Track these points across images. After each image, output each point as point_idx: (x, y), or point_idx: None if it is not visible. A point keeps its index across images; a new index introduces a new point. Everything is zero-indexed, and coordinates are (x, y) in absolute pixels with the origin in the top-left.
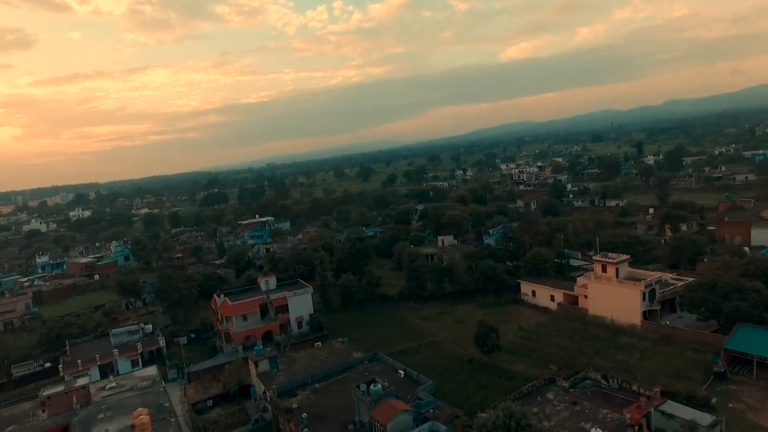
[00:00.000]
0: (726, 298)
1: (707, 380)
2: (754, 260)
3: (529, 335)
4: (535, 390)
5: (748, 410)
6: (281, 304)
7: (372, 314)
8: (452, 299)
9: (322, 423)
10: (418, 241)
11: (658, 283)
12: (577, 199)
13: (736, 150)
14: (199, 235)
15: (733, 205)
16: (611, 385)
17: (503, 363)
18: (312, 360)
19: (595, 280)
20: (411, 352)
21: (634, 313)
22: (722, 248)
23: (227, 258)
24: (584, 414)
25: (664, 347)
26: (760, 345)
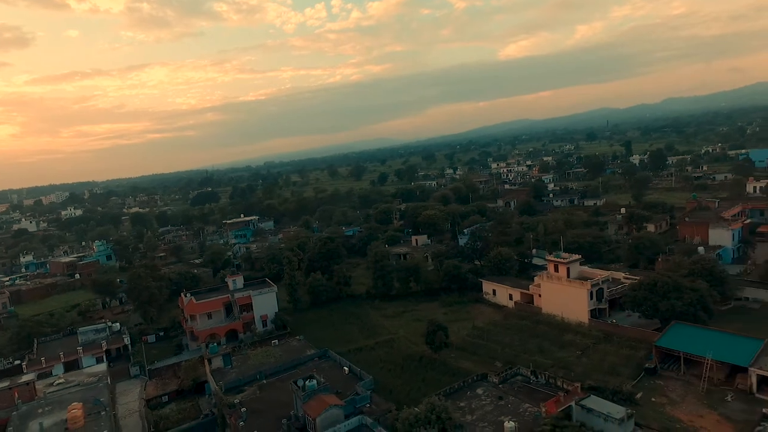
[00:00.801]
0: (664, 297)
1: (638, 376)
2: (700, 260)
3: (481, 333)
4: (466, 385)
5: (667, 404)
6: (246, 303)
7: (338, 313)
8: (418, 298)
9: (261, 417)
10: (393, 241)
11: (605, 282)
12: (556, 198)
13: (722, 149)
14: (184, 234)
15: (698, 205)
16: (539, 380)
17: (451, 360)
18: (266, 357)
19: (547, 279)
20: (367, 349)
21: (581, 312)
22: (681, 248)
23: (204, 257)
24: (507, 408)
25: (604, 345)
26: (688, 342)
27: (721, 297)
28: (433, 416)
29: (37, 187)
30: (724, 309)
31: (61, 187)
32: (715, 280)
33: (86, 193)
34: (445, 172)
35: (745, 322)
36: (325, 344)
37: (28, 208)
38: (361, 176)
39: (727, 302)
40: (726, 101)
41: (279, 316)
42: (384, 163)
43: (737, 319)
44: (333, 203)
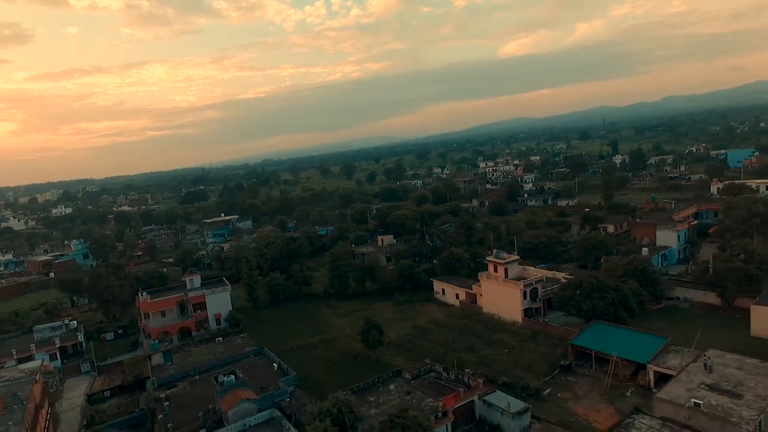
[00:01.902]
0: (588, 297)
1: (552, 373)
2: (633, 261)
3: (420, 332)
4: (380, 381)
5: (571, 399)
6: (199, 302)
7: (294, 311)
8: (373, 297)
9: (185, 411)
10: (361, 241)
11: (540, 282)
12: (531, 198)
13: (706, 149)
14: (164, 233)
15: (655, 206)
16: (449, 377)
17: (386, 357)
18: (207, 354)
19: (486, 279)
20: (310, 347)
21: (515, 311)
22: (627, 248)
23: (175, 256)
24: (411, 402)
25: (529, 343)
26: (600, 340)
27: (652, 297)
28: (335, 410)
29: (34, 185)
30: (655, 308)
31: (58, 185)
32: (647, 281)
33: (80, 191)
34: (433, 171)
35: (670, 322)
36: (273, 342)
37: (22, 206)
38: (352, 175)
39: (659, 302)
40: (725, 100)
41: (232, 315)
42: (378, 161)
43: (665, 318)
44: (315, 202)
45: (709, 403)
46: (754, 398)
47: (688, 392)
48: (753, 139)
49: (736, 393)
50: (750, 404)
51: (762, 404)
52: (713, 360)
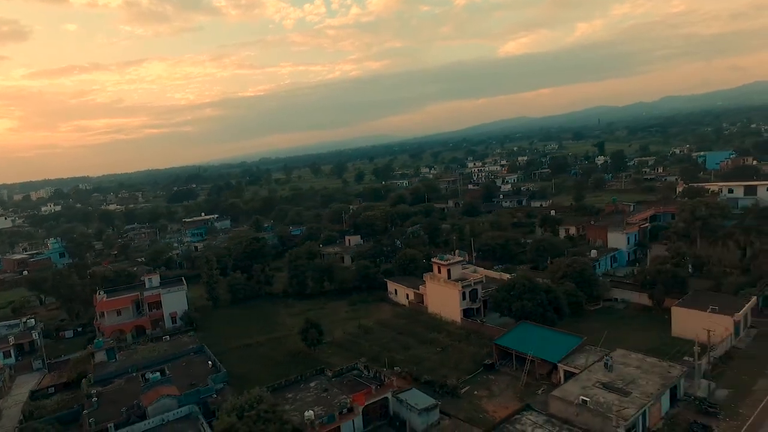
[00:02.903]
0: (519, 299)
1: (476, 371)
2: (573, 263)
3: (363, 331)
4: (303, 379)
5: (486, 396)
6: (155, 301)
7: (252, 310)
8: (330, 297)
9: (114, 406)
10: (330, 241)
11: (479, 283)
12: (506, 199)
13: (690, 150)
14: (144, 232)
15: (615, 208)
16: (368, 375)
17: (324, 356)
18: (151, 352)
19: (430, 280)
20: (256, 345)
21: (455, 311)
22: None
23: (146, 255)
24: (325, 399)
25: (462, 343)
26: (522, 341)
27: (590, 298)
28: (246, 405)
29: (30, 182)
30: (592, 309)
31: (55, 183)
32: (585, 282)
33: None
34: (421, 171)
35: (604, 322)
36: (223, 340)
37: (14, 203)
38: (342, 174)
39: (597, 303)
40: (724, 100)
41: (187, 314)
42: (372, 160)
43: (600, 318)
44: (297, 202)
45: (597, 401)
46: (640, 395)
47: (582, 390)
48: (738, 140)
49: (625, 391)
50: (634, 401)
51: (644, 401)
52: (618, 359)
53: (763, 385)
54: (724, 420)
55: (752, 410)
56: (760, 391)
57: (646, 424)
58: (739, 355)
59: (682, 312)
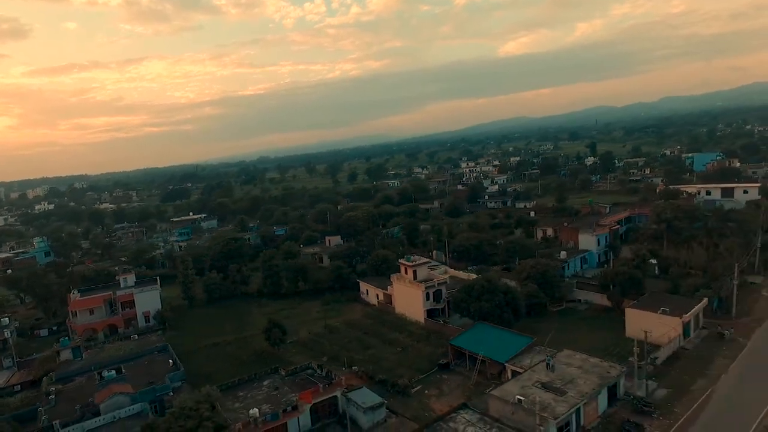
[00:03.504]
0: (477, 299)
1: (431, 370)
2: (537, 264)
3: (329, 331)
4: (257, 377)
5: (435, 395)
6: (128, 300)
7: (226, 310)
8: (305, 297)
9: (71, 403)
10: (311, 241)
11: (443, 284)
12: (491, 200)
13: (680, 152)
14: (131, 232)
15: (592, 210)
16: (320, 374)
17: (288, 355)
18: (118, 351)
19: (397, 281)
20: (224, 344)
21: (419, 311)
22: (553, 251)
23: (128, 255)
24: (275, 398)
25: (421, 343)
26: (476, 341)
27: (553, 299)
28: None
29: (28, 180)
30: (555, 310)
31: (53, 181)
32: (547, 283)
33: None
34: (414, 171)
35: (564, 322)
36: (193, 339)
37: (9, 202)
38: (336, 174)
39: (560, 304)
40: (723, 101)
41: (160, 313)
42: (369, 160)
43: (561, 319)
44: (286, 202)
45: (532, 400)
46: (575, 395)
47: (521, 389)
48: (729, 142)
49: (562, 390)
50: (568, 400)
51: (577, 400)
52: (562, 360)
53: (702, 384)
54: (657, 419)
55: (686, 409)
56: (697, 390)
57: (581, 423)
58: (685, 356)
59: (635, 313)
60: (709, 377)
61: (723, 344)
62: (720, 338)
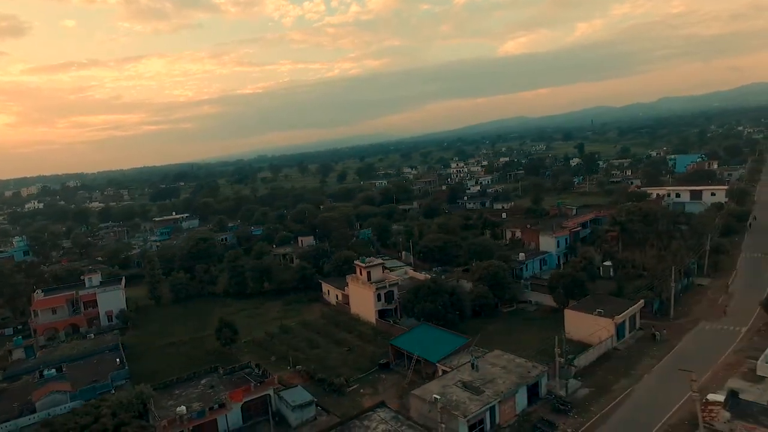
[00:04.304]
0: (423, 300)
1: (371, 370)
2: (489, 266)
3: (283, 331)
4: (196, 376)
5: (369, 394)
6: (90, 300)
7: (191, 309)
8: (270, 297)
9: (9, 401)
10: (285, 241)
11: (395, 285)
12: (470, 201)
13: (666, 153)
14: (115, 231)
15: (560, 212)
16: (257, 372)
17: (237, 355)
18: (72, 350)
19: (352, 281)
20: (180, 343)
21: (371, 312)
22: (514, 253)
23: (103, 255)
24: (209, 396)
25: (368, 343)
26: (415, 342)
27: (502, 300)
28: (125, 401)
29: (25, 178)
30: (506, 311)
31: (50, 179)
32: (498, 285)
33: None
34: (403, 171)
35: (511, 323)
36: (151, 338)
37: (2, 200)
38: (328, 174)
39: (511, 305)
40: (722, 101)
41: (123, 312)
42: (363, 159)
43: (510, 319)
44: (270, 202)
45: (449, 399)
46: (491, 393)
47: (442, 389)
48: (716, 143)
49: (479, 389)
50: (483, 399)
51: (492, 399)
52: (490, 359)
53: (624, 384)
54: (572, 417)
55: (602, 408)
56: (618, 389)
57: (496, 421)
58: (616, 356)
59: (572, 314)
60: (633, 377)
61: (654, 345)
62: (652, 339)
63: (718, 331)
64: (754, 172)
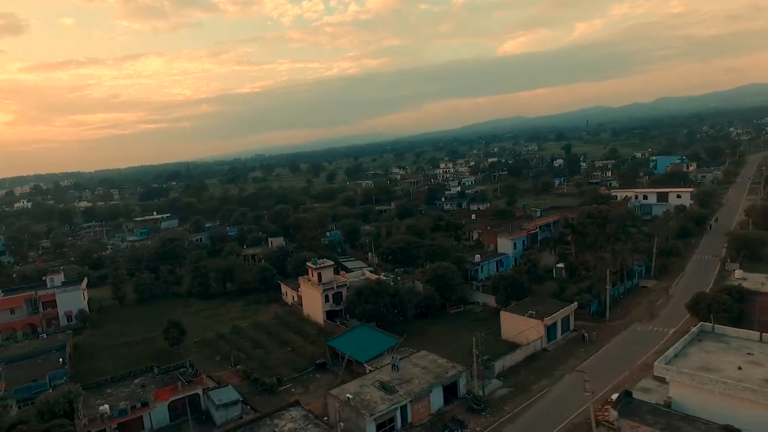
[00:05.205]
0: (365, 302)
1: (308, 369)
2: (437, 268)
3: (234, 331)
4: (132, 375)
5: (300, 393)
6: (50, 300)
7: (153, 310)
8: (232, 297)
9: None
10: (257, 242)
11: (343, 286)
12: (448, 202)
13: (651, 154)
14: (95, 230)
15: (524, 213)
16: (190, 372)
17: (185, 354)
18: (23, 349)
19: (304, 283)
20: (132, 344)
21: (319, 313)
22: (470, 254)
23: (76, 255)
24: (136, 395)
25: (311, 344)
26: (350, 342)
27: (450, 301)
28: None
29: (20, 177)
30: (453, 312)
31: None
32: (446, 286)
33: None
34: (391, 172)
35: (455, 324)
36: (107, 338)
37: None
38: (319, 173)
39: (458, 306)
40: (719, 101)
41: (82, 312)
42: (357, 159)
43: (455, 320)
44: (254, 202)
45: (362, 398)
46: (403, 393)
47: (359, 388)
48: (702, 144)
49: (394, 389)
50: (394, 398)
51: (403, 398)
52: (414, 360)
53: (544, 384)
54: (485, 416)
55: (516, 407)
56: (536, 389)
57: (408, 420)
58: (544, 357)
59: (507, 316)
60: (554, 377)
61: (582, 346)
62: (582, 341)
63: (648, 332)
64: (730, 174)
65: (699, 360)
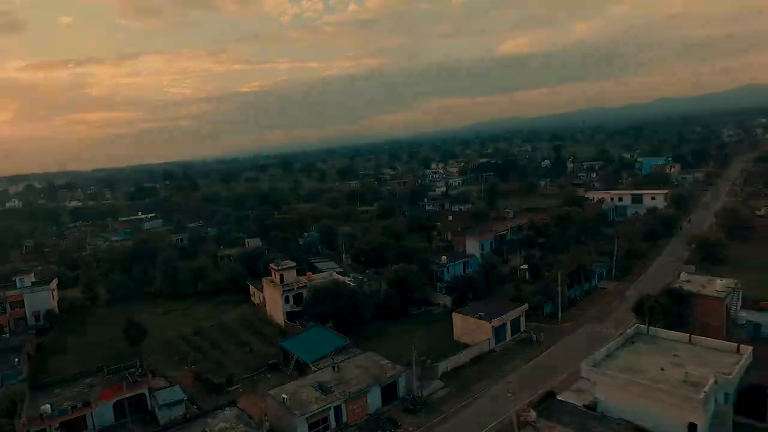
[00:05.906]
0: (321, 303)
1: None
2: (399, 269)
3: (196, 332)
4: (81, 375)
5: (248, 393)
6: (17, 300)
7: (125, 310)
8: (203, 298)
9: None
10: (235, 243)
11: (303, 288)
12: (430, 203)
13: (639, 155)
14: (77, 231)
15: (498, 215)
16: (141, 372)
17: (145, 355)
18: None
19: (267, 284)
20: (96, 344)
21: (280, 314)
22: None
23: (54, 255)
24: (84, 394)
25: (269, 345)
26: (301, 343)
27: (411, 302)
28: None
29: (18, 176)
30: (414, 313)
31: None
32: (407, 288)
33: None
34: (382, 172)
35: (413, 324)
36: (72, 338)
37: None
38: (310, 174)
39: (419, 307)
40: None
41: (51, 313)
42: (352, 159)
43: (414, 321)
44: (241, 202)
45: (297, 398)
46: (339, 393)
47: (297, 388)
48: (690, 146)
49: (330, 389)
50: (329, 399)
51: (337, 399)
52: (358, 361)
53: (483, 385)
54: (420, 417)
55: (451, 408)
56: (474, 390)
57: (343, 420)
58: (490, 358)
59: (458, 317)
60: (495, 378)
61: (528, 348)
62: (530, 342)
63: (595, 334)
64: (713, 175)
65: (626, 361)
